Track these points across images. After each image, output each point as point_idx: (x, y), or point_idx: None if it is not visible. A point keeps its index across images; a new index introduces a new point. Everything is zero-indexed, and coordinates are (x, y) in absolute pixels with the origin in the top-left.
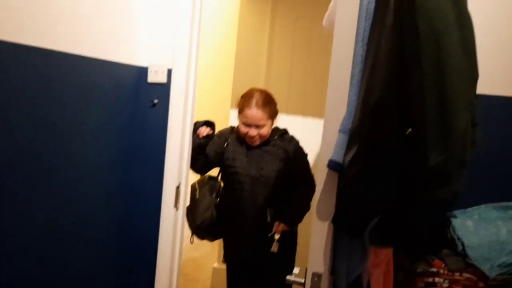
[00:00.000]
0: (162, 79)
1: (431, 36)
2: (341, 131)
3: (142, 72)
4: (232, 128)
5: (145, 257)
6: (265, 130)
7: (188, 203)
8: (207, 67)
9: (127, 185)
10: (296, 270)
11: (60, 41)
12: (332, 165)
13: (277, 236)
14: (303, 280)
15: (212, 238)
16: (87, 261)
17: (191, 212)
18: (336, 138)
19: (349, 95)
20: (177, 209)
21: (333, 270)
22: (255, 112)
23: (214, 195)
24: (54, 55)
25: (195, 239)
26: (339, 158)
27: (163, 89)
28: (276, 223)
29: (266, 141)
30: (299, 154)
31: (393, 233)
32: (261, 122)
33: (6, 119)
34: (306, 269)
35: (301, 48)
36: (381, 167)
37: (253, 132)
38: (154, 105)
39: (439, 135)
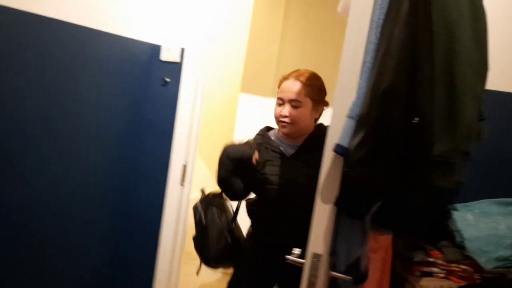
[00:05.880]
0: (175, 58)
1: (445, 27)
2: (348, 116)
3: (155, 49)
4: (266, 129)
5: (149, 230)
6: (301, 113)
7: (186, 181)
8: (218, 51)
9: (135, 158)
10: (296, 250)
11: (77, 14)
12: (338, 149)
13: None
14: (303, 261)
15: (228, 266)
16: (92, 225)
17: (200, 242)
18: (343, 123)
19: (359, 82)
20: (183, 186)
21: (333, 252)
22: (291, 83)
23: (224, 218)
24: (71, 28)
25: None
26: (345, 143)
27: (175, 68)
28: None
29: (307, 144)
30: None
31: (394, 219)
32: (296, 97)
33: (20, 88)
34: (306, 249)
35: (314, 37)
36: (386, 153)
37: (285, 110)
38: (166, 83)
39: (445, 126)
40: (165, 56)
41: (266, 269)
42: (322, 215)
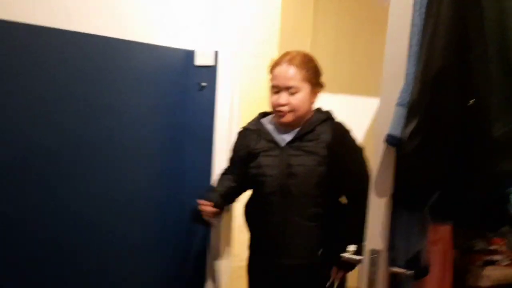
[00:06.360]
0: (210, 61)
1: (494, 0)
2: (398, 104)
3: (189, 55)
4: (261, 115)
5: (196, 238)
6: (298, 99)
7: None
8: (251, 50)
9: (178, 166)
10: (352, 247)
11: (112, 28)
12: (390, 140)
13: (336, 283)
14: (360, 258)
15: None
16: (138, 236)
17: None
18: (393, 112)
19: (406, 67)
20: None
21: (392, 247)
22: (285, 68)
23: None
24: (108, 42)
25: None
26: (397, 132)
27: (210, 72)
28: (334, 269)
29: (305, 130)
30: (350, 150)
31: (454, 208)
32: (292, 83)
33: (65, 104)
34: (364, 246)
35: (347, 28)
36: (442, 140)
37: (282, 98)
38: (202, 88)
39: (504, 104)
40: (199, 60)
41: (268, 273)
42: (377, 210)
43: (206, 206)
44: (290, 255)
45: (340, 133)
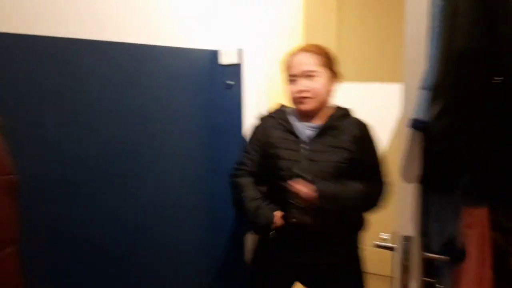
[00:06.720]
0: (234, 59)
1: None
2: (422, 87)
3: (214, 55)
4: (280, 108)
5: (235, 235)
6: (318, 83)
7: None
8: (275, 45)
9: (210, 166)
10: (385, 235)
11: (141, 35)
12: (415, 124)
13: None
14: (393, 245)
15: None
16: (183, 235)
17: None
18: (417, 95)
19: (429, 49)
20: None
21: (425, 232)
22: (302, 56)
23: None
24: (137, 48)
25: None
26: (422, 116)
27: (236, 70)
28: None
29: (327, 125)
30: (373, 144)
31: (488, 189)
32: (310, 67)
33: (103, 113)
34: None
35: (373, 18)
36: (469, 120)
37: (302, 84)
38: (229, 86)
39: None
40: (224, 59)
41: (283, 269)
42: (406, 196)
43: (280, 219)
44: (307, 255)
45: (366, 128)
